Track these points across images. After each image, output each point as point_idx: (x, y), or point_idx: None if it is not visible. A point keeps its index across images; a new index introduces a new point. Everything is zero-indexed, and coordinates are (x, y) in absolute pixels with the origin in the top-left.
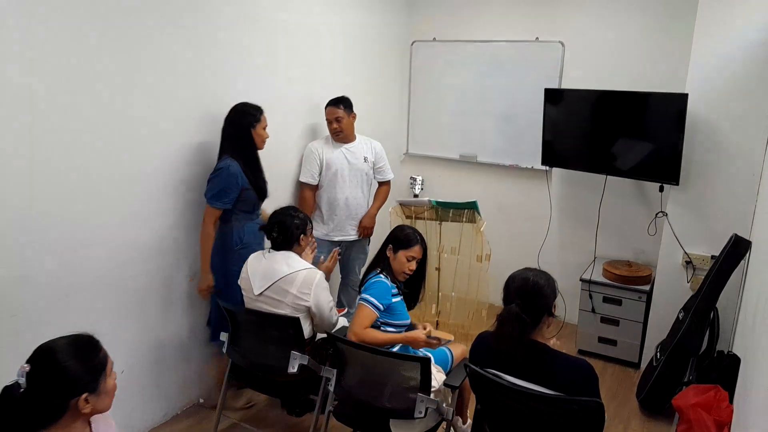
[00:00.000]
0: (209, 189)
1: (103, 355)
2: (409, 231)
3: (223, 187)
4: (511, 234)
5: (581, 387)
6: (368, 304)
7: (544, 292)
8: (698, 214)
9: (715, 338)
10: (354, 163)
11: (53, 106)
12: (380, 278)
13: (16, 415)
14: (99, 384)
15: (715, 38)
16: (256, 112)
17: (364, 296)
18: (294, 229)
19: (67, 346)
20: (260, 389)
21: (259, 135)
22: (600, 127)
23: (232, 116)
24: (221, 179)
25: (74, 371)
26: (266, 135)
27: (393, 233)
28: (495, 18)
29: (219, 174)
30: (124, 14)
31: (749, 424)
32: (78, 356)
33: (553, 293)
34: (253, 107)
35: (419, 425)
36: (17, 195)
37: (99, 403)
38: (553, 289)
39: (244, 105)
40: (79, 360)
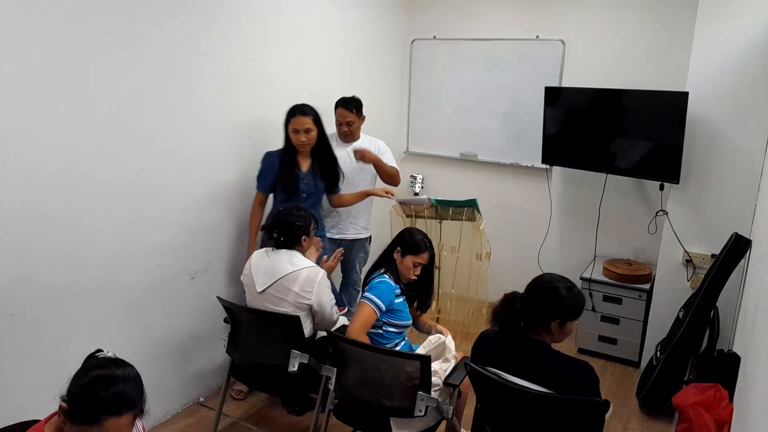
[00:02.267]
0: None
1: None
2: (419, 237)
3: (260, 173)
4: (511, 232)
5: (582, 388)
6: (370, 304)
7: (553, 302)
8: (698, 213)
9: (715, 337)
10: (358, 161)
11: (53, 106)
12: (384, 278)
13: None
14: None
15: (715, 37)
16: (290, 112)
17: (368, 295)
18: (295, 229)
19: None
20: (260, 388)
21: (291, 135)
22: (600, 126)
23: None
24: (261, 165)
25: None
26: (297, 138)
27: (403, 236)
28: (495, 16)
29: (261, 159)
30: (126, 16)
31: (749, 422)
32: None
33: (565, 312)
34: (293, 107)
35: (419, 423)
36: (17, 195)
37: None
38: (566, 307)
39: (296, 104)
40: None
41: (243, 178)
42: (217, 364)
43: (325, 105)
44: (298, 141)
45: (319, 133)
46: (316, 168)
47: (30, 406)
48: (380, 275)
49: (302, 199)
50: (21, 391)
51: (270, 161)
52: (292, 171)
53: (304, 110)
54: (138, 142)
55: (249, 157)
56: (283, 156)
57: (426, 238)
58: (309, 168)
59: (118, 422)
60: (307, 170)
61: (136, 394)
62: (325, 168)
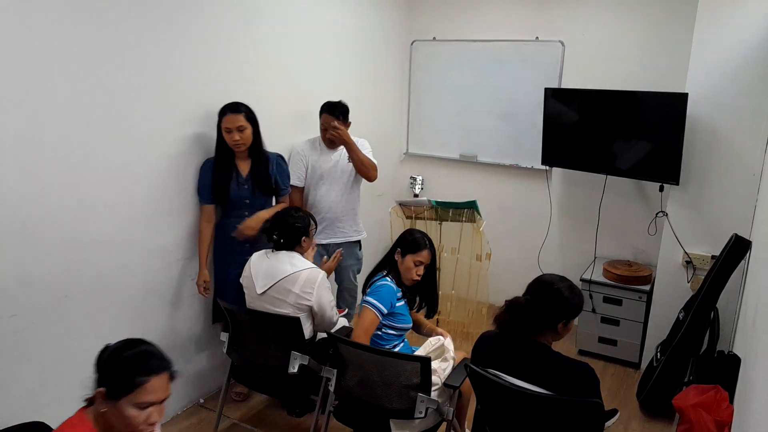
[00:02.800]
0: None
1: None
2: (419, 235)
3: (198, 183)
4: (511, 234)
5: (582, 390)
6: (372, 308)
7: (557, 303)
8: (698, 214)
9: (716, 338)
10: (341, 164)
11: (52, 106)
12: (386, 281)
13: None
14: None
15: (715, 38)
16: (221, 110)
17: (369, 300)
18: (295, 230)
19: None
20: (260, 389)
21: (224, 135)
22: (600, 127)
23: None
24: (199, 174)
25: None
26: (230, 138)
27: (402, 236)
28: (495, 17)
29: (203, 164)
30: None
31: (750, 424)
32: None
33: (568, 311)
34: (224, 105)
35: (419, 425)
36: (17, 195)
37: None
38: (569, 307)
39: (228, 102)
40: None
41: None
42: (217, 366)
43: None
44: (232, 141)
45: (254, 132)
46: (255, 171)
47: (30, 407)
48: (382, 278)
49: (245, 206)
50: (21, 391)
51: (206, 168)
52: (228, 176)
53: (236, 107)
54: (138, 143)
55: None
56: (216, 161)
57: (426, 236)
58: (249, 172)
59: (157, 382)
60: (248, 174)
61: (162, 354)
62: (257, 170)
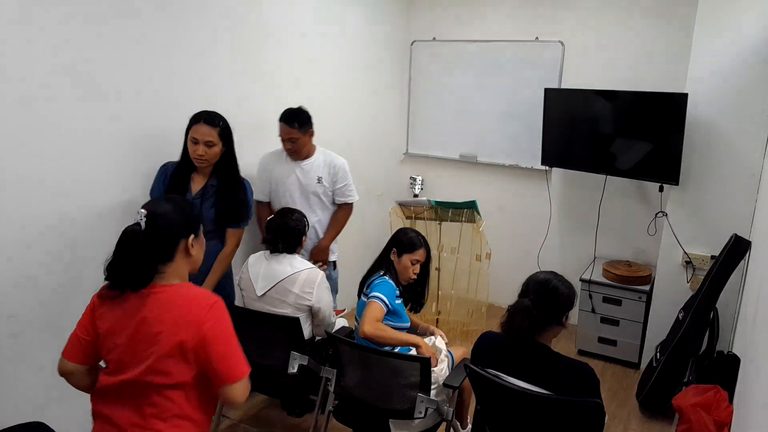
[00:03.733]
0: None
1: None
2: (413, 234)
3: (152, 185)
4: (511, 234)
5: (583, 390)
6: (378, 301)
7: (560, 299)
8: (698, 214)
9: (715, 338)
10: (305, 183)
11: (51, 105)
12: (385, 279)
13: (140, 252)
14: (199, 232)
15: (715, 38)
16: (194, 117)
17: (375, 294)
18: (296, 233)
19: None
20: (260, 389)
21: (189, 144)
22: (600, 127)
23: None
24: (156, 176)
25: (186, 214)
26: (194, 149)
27: (396, 236)
28: (495, 18)
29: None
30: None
31: (749, 424)
32: (185, 207)
33: (569, 304)
34: (199, 112)
35: (418, 425)
36: (17, 195)
37: (198, 252)
38: (570, 300)
39: (204, 110)
40: (186, 208)
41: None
42: None
43: (325, 107)
44: (195, 153)
45: (227, 152)
46: (210, 192)
47: (30, 407)
48: (380, 276)
49: None
50: (21, 391)
51: (162, 172)
52: (178, 189)
53: (212, 119)
54: (138, 143)
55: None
56: (176, 169)
57: (420, 235)
58: (200, 190)
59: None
60: (198, 192)
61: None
62: (223, 196)
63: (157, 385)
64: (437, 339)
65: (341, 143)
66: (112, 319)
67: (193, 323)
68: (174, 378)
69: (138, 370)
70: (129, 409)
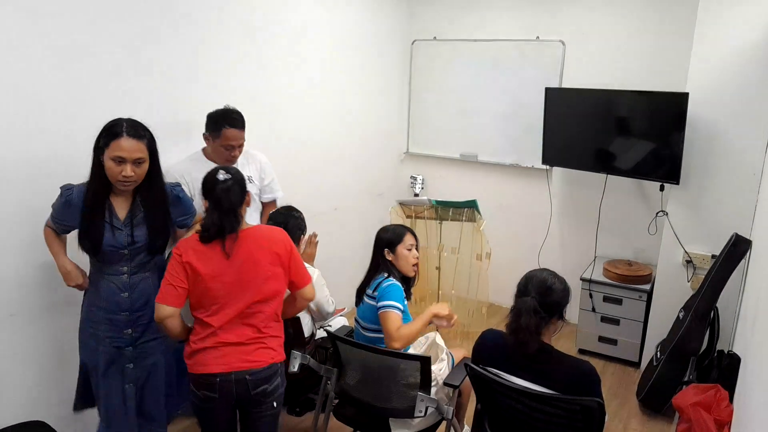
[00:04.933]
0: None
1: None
2: (392, 227)
3: (54, 216)
4: (511, 233)
5: (583, 389)
6: (393, 309)
7: (560, 294)
8: (699, 214)
9: (716, 337)
10: None
11: (49, 105)
12: (391, 281)
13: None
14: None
15: (715, 38)
16: (111, 131)
17: (385, 304)
18: (296, 230)
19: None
20: None
21: (110, 166)
22: (600, 127)
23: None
24: (55, 206)
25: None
26: (118, 171)
27: (380, 236)
28: (495, 17)
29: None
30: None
31: (749, 423)
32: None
33: (566, 297)
34: (115, 124)
35: (418, 424)
36: (17, 195)
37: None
38: (566, 293)
39: (120, 119)
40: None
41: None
42: None
43: (326, 107)
44: (122, 176)
45: (153, 166)
46: (139, 215)
47: (30, 407)
48: (386, 279)
49: (123, 260)
50: (21, 391)
51: (66, 203)
52: (94, 219)
53: (136, 130)
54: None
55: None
56: (87, 196)
57: (399, 225)
58: (128, 215)
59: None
60: (126, 219)
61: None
62: (157, 217)
63: (263, 301)
64: (437, 336)
65: (341, 143)
66: (215, 264)
67: (280, 240)
68: (274, 287)
69: (250, 295)
70: (246, 328)
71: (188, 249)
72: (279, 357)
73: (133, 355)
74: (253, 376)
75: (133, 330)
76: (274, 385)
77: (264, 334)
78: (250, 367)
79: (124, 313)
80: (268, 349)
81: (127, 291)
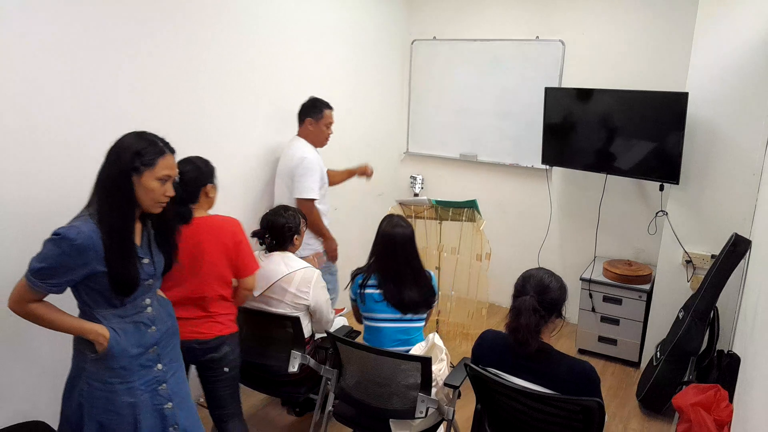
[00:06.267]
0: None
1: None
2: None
3: (49, 265)
4: (511, 233)
5: (583, 389)
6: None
7: (558, 292)
8: (698, 214)
9: (715, 337)
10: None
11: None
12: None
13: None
14: (215, 180)
15: (715, 38)
16: (157, 147)
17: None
18: (286, 230)
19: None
20: (260, 389)
21: (153, 186)
22: (600, 126)
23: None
24: (54, 254)
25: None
26: (162, 192)
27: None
28: (495, 16)
29: (52, 246)
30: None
31: (749, 423)
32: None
33: (563, 296)
34: (153, 139)
35: (419, 425)
36: (17, 194)
37: (215, 194)
38: (563, 291)
39: (132, 137)
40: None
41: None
42: None
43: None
44: (164, 195)
45: None
46: (149, 234)
47: (30, 407)
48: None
49: (150, 289)
50: (21, 391)
51: (75, 249)
52: (133, 251)
53: (169, 145)
54: None
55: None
56: (115, 230)
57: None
58: (143, 238)
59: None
60: (143, 243)
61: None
62: (167, 234)
63: (208, 285)
64: (436, 337)
65: (341, 142)
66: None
67: (228, 231)
68: (218, 273)
69: (198, 280)
70: (196, 308)
71: None
72: (227, 330)
73: (167, 392)
74: (201, 345)
75: (162, 364)
76: (222, 353)
77: (213, 313)
78: (198, 338)
79: (153, 348)
80: (217, 323)
81: (154, 324)
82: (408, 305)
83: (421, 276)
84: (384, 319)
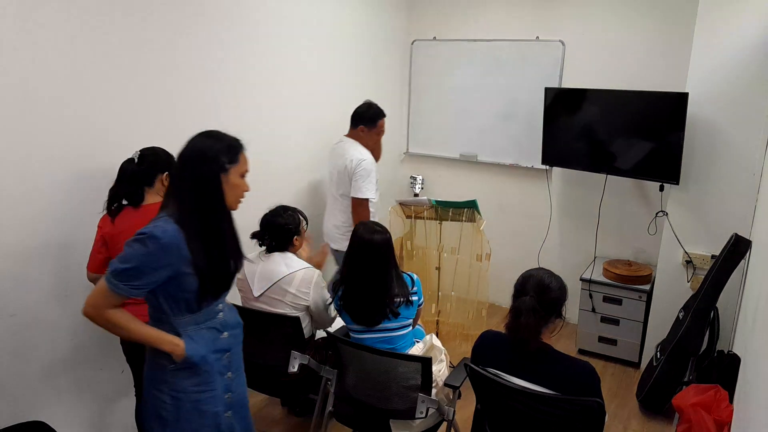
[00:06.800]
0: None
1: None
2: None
3: (137, 272)
4: (511, 233)
5: (583, 389)
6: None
7: (557, 292)
8: (698, 214)
9: (715, 338)
10: None
11: (48, 104)
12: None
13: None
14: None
15: (715, 38)
16: (235, 147)
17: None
18: (285, 231)
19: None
20: (261, 389)
21: (237, 184)
22: (600, 127)
23: (189, 158)
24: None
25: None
26: (243, 188)
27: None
28: (495, 17)
29: (141, 240)
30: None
31: (749, 424)
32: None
33: (563, 296)
34: (232, 138)
35: (419, 425)
36: (17, 194)
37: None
38: (563, 291)
39: (206, 137)
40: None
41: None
42: None
43: (326, 107)
44: (244, 191)
45: None
46: None
47: (30, 407)
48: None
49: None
50: (21, 391)
51: (162, 248)
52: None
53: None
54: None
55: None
56: (213, 228)
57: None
58: None
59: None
60: None
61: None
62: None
63: None
64: (433, 337)
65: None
66: (106, 229)
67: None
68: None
69: None
70: None
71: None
72: None
73: (231, 401)
74: None
75: (231, 371)
76: None
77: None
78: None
79: (227, 354)
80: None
81: (225, 329)
82: (365, 318)
83: (397, 283)
84: (360, 331)
